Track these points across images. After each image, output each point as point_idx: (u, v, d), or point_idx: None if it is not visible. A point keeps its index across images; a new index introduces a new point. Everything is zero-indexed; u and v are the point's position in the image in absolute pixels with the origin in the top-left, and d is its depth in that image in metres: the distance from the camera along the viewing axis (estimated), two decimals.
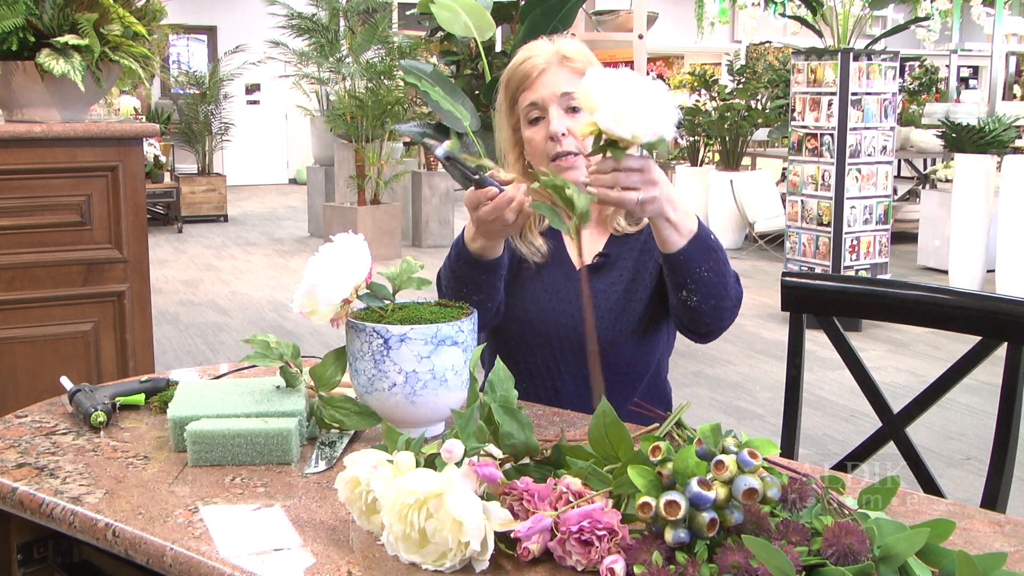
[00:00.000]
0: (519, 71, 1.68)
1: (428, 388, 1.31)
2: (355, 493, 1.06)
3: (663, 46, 14.91)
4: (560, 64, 1.66)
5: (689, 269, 1.49)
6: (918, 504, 1.19)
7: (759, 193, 8.56)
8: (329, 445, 1.35)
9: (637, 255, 1.68)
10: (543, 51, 1.68)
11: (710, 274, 1.50)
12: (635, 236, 1.70)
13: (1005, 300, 1.52)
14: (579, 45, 1.70)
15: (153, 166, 9.95)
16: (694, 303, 1.53)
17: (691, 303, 1.53)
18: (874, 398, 1.65)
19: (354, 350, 1.33)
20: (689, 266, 1.48)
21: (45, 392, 1.81)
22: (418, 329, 1.29)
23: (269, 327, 6.14)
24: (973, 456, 3.87)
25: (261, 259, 8.69)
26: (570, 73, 1.65)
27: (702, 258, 1.48)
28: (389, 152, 8.73)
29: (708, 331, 1.59)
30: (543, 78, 1.66)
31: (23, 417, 1.49)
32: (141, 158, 2.57)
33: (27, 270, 2.46)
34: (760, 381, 4.95)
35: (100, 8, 2.44)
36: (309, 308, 1.31)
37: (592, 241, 1.73)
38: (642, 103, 1.21)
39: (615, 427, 1.11)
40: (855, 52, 5.76)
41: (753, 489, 0.91)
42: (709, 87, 10.21)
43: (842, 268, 5.86)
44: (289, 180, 15.62)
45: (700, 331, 1.60)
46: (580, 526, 0.97)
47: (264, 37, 9.35)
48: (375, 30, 8.39)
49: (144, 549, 1.09)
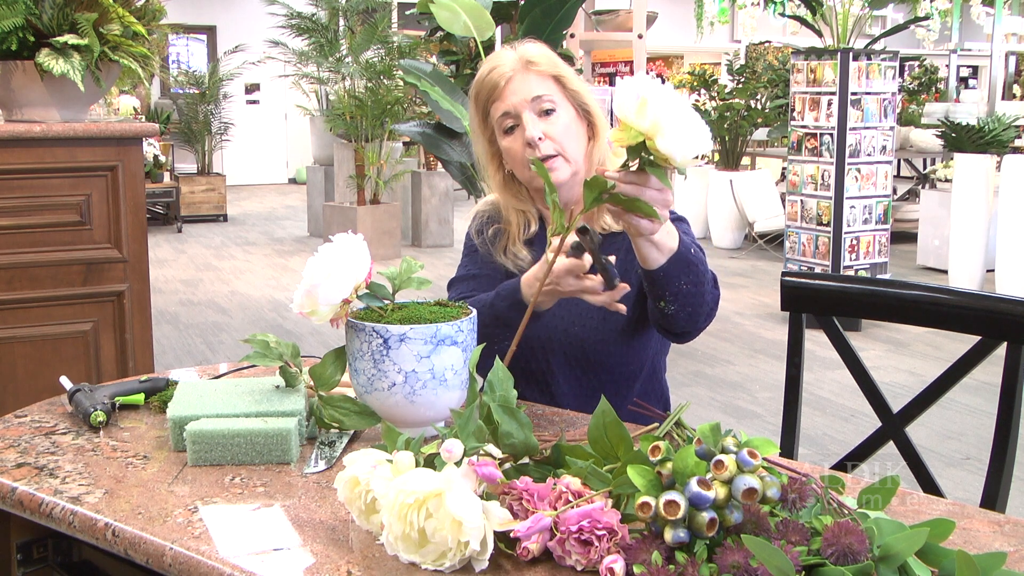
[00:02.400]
0: (487, 82, 1.69)
1: (428, 388, 1.31)
2: (354, 493, 1.06)
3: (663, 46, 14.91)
4: (525, 69, 1.66)
5: (668, 284, 1.49)
6: (918, 504, 1.19)
7: (759, 193, 8.56)
8: (329, 445, 1.35)
9: (624, 255, 1.68)
10: (507, 59, 1.68)
11: (689, 286, 1.50)
12: (621, 235, 1.70)
13: (1005, 300, 1.52)
14: (541, 48, 1.71)
15: (153, 166, 9.95)
16: (671, 312, 1.54)
17: (668, 312, 1.54)
18: (874, 398, 1.65)
19: (353, 350, 1.33)
20: (668, 281, 1.49)
21: (45, 392, 1.81)
22: (417, 329, 1.29)
23: (269, 327, 6.14)
24: (973, 456, 3.87)
25: (261, 259, 8.69)
26: (537, 76, 1.66)
27: (681, 273, 1.48)
28: (389, 152, 8.73)
29: (683, 332, 1.59)
30: (511, 86, 1.66)
31: (23, 417, 1.49)
32: (141, 158, 2.57)
33: (27, 270, 2.46)
34: (760, 381, 4.95)
35: (100, 8, 2.44)
36: (309, 308, 1.31)
37: None
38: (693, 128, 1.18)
39: (615, 427, 1.11)
40: (855, 52, 5.76)
41: (753, 489, 0.91)
42: (709, 87, 10.22)
43: (842, 268, 5.86)
44: (289, 180, 15.62)
45: (675, 332, 1.60)
46: (580, 526, 0.97)
47: (264, 37, 9.36)
48: (375, 30, 8.39)
49: (144, 549, 1.09)
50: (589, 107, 1.70)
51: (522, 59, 1.67)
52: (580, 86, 1.70)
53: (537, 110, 1.65)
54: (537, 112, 1.65)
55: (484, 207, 1.83)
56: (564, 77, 1.68)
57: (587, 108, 1.70)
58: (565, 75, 1.68)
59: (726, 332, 5.97)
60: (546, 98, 1.65)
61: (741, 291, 7.22)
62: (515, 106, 1.65)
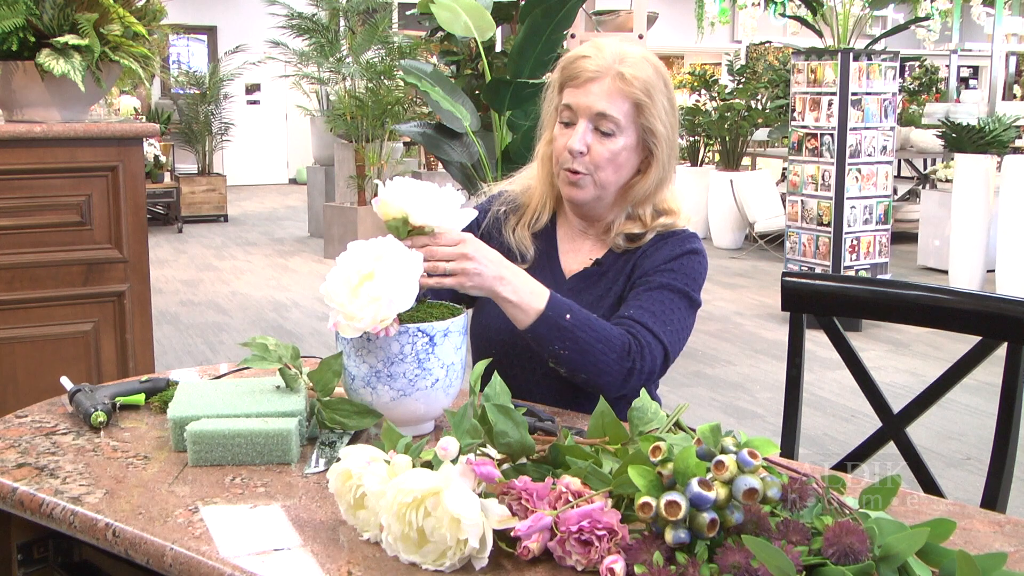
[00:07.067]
0: (574, 66, 1.60)
1: (459, 377, 1.38)
2: (345, 486, 1.07)
3: (663, 46, 14.91)
4: (613, 78, 1.57)
5: (541, 347, 1.50)
6: (918, 504, 1.19)
7: (759, 193, 8.56)
8: (329, 445, 1.35)
9: (629, 272, 1.67)
10: (605, 56, 1.59)
11: (569, 352, 1.49)
12: (632, 252, 1.68)
13: (1005, 300, 1.52)
14: (644, 66, 1.59)
15: (153, 166, 9.95)
16: (564, 374, 1.54)
17: (562, 373, 1.54)
18: (874, 398, 1.65)
19: (391, 355, 1.32)
20: (540, 344, 1.50)
21: (45, 392, 1.81)
22: (456, 322, 1.35)
23: (269, 327, 6.14)
24: (973, 456, 3.87)
25: (261, 259, 8.69)
26: (618, 93, 1.57)
27: (554, 337, 1.48)
28: (389, 152, 8.73)
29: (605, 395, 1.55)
30: (589, 86, 1.58)
31: (23, 417, 1.49)
32: (141, 158, 2.57)
33: (27, 270, 2.46)
34: (760, 381, 4.95)
35: (100, 8, 2.44)
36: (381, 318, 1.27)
37: (591, 251, 1.72)
38: (434, 201, 1.37)
39: (614, 427, 1.11)
40: (855, 52, 5.76)
41: (753, 489, 0.91)
42: (709, 87, 10.22)
43: (842, 268, 5.86)
44: (289, 180, 15.62)
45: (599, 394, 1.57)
46: (580, 526, 0.97)
47: (264, 37, 9.35)
48: (375, 30, 8.39)
49: (144, 549, 1.09)
50: (656, 142, 1.62)
51: (616, 67, 1.57)
52: (657, 121, 1.60)
53: (595, 124, 1.59)
54: (594, 126, 1.59)
55: (509, 189, 1.79)
56: (645, 106, 1.59)
57: (653, 142, 1.62)
58: (647, 104, 1.59)
59: (726, 332, 5.97)
60: (610, 120, 1.58)
61: (741, 291, 7.22)
62: (579, 107, 1.59)
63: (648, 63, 1.61)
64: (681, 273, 1.63)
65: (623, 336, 1.53)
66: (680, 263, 1.64)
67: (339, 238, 8.50)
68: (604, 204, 1.67)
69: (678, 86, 12.66)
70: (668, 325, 1.58)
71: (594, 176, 1.61)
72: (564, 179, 1.64)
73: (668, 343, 1.57)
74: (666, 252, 1.65)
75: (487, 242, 1.65)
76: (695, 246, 1.67)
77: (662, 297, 1.60)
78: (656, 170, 1.64)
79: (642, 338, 1.54)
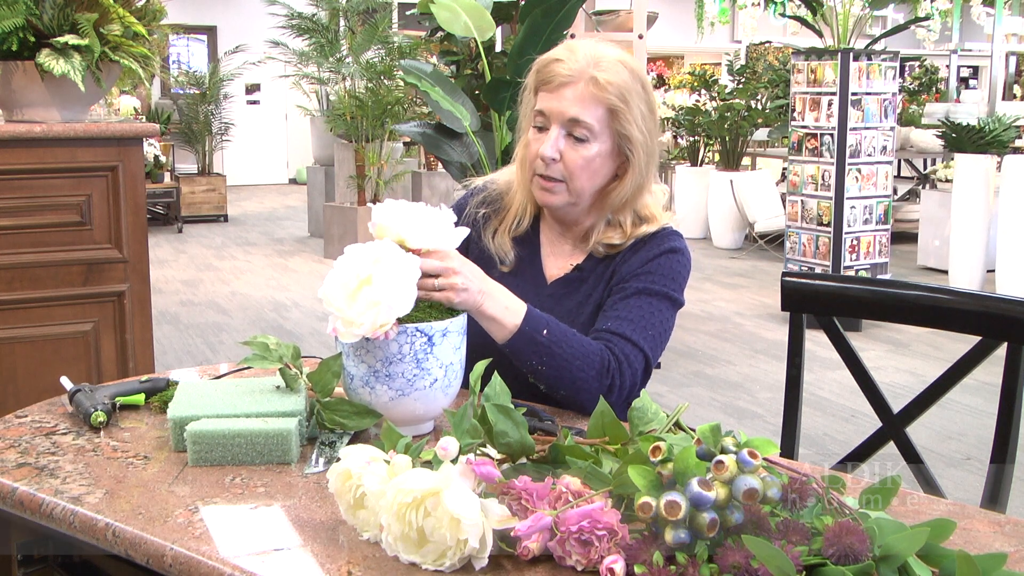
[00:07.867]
0: (546, 70, 1.57)
1: (459, 376, 1.38)
2: (345, 486, 1.07)
3: (663, 46, 14.92)
4: (587, 83, 1.54)
5: (520, 361, 1.51)
6: (918, 504, 1.19)
7: (759, 193, 8.56)
8: (329, 445, 1.35)
9: (608, 277, 1.66)
10: (580, 59, 1.55)
11: (546, 368, 1.50)
12: (612, 257, 1.66)
13: (1005, 300, 1.52)
14: (620, 71, 1.55)
15: (153, 166, 9.95)
16: (543, 389, 1.54)
17: (541, 388, 1.54)
18: (874, 398, 1.65)
19: (389, 355, 1.32)
20: (519, 358, 1.50)
21: (45, 392, 1.81)
22: (455, 322, 1.35)
23: (269, 327, 6.14)
24: (973, 456, 3.87)
25: (261, 259, 8.69)
26: (591, 98, 1.54)
27: (531, 352, 1.49)
28: (389, 152, 8.73)
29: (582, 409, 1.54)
30: (562, 91, 1.55)
31: (23, 417, 1.49)
32: (141, 158, 2.57)
33: (27, 270, 2.46)
34: (760, 381, 4.95)
35: (100, 8, 2.44)
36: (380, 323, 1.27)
37: (571, 255, 1.70)
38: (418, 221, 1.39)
39: (614, 427, 1.11)
40: (855, 52, 5.76)
41: (753, 489, 0.91)
42: (709, 87, 10.22)
43: (842, 268, 5.86)
44: (289, 180, 15.62)
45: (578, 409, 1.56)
46: (580, 526, 0.97)
47: (264, 37, 9.35)
48: (375, 30, 8.39)
49: (144, 549, 1.09)
50: (632, 148, 1.58)
51: (590, 71, 1.54)
52: (633, 127, 1.56)
53: (568, 131, 1.56)
54: (567, 132, 1.56)
55: (493, 186, 1.76)
56: (620, 111, 1.55)
57: (629, 148, 1.59)
58: (622, 110, 1.55)
59: (726, 332, 5.97)
60: (584, 126, 1.55)
61: (741, 291, 7.22)
62: (552, 113, 1.56)
63: (624, 67, 1.57)
64: (659, 275, 1.62)
65: (602, 352, 1.53)
66: (658, 263, 1.63)
67: (339, 238, 8.50)
68: (580, 210, 1.66)
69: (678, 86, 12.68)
70: (648, 330, 1.58)
71: (568, 183, 1.59)
72: (537, 185, 1.62)
73: (648, 349, 1.57)
74: (643, 255, 1.64)
75: (466, 245, 1.65)
76: (674, 244, 1.65)
77: (639, 303, 1.59)
78: (633, 176, 1.61)
79: (620, 353, 1.54)
